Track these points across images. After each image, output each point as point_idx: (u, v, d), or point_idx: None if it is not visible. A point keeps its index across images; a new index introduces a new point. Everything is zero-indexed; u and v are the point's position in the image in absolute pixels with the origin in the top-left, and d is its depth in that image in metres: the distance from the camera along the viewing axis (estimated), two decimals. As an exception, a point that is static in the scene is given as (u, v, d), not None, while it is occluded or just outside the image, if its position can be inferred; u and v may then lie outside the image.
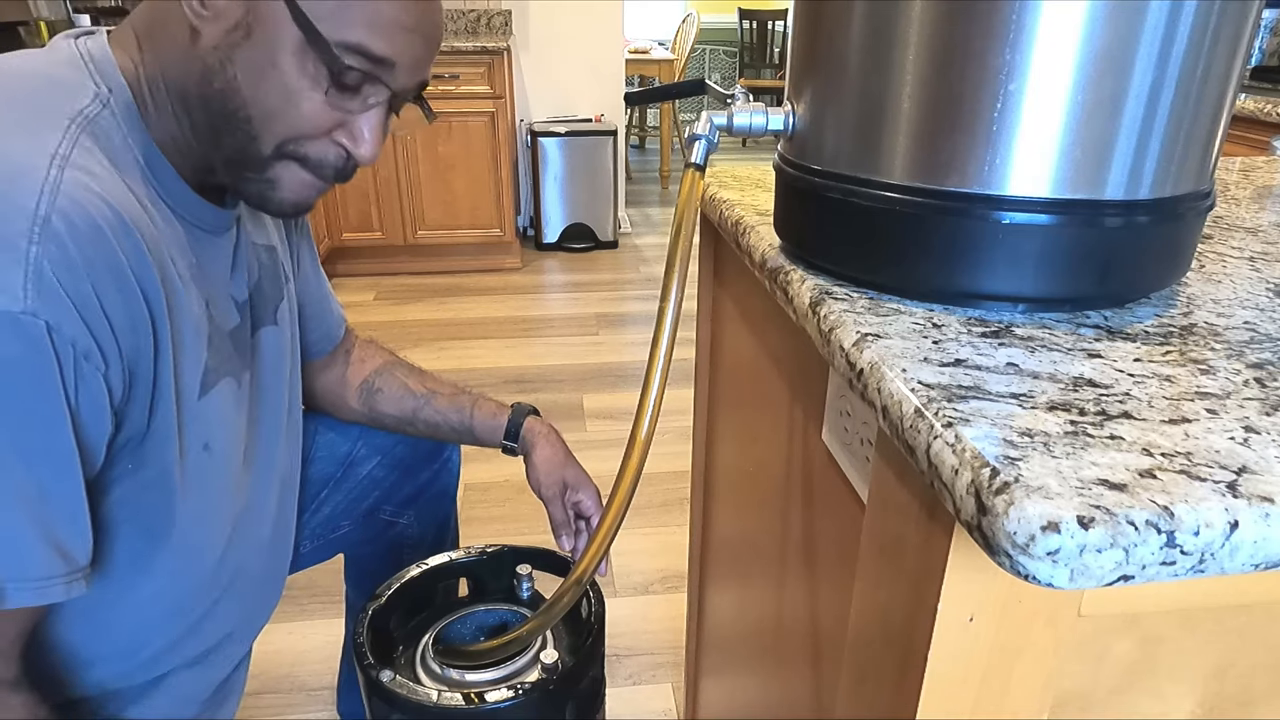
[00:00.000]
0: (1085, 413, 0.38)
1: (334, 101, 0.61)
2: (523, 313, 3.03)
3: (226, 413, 0.71)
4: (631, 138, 5.56)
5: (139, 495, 0.64)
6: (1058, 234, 0.46)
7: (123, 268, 0.56)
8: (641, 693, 1.40)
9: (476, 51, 3.04)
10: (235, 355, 0.72)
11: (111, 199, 0.56)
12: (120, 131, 0.60)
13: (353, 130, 0.64)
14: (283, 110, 0.60)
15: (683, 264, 0.57)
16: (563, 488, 0.95)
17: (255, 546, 0.82)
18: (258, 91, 0.60)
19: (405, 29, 0.61)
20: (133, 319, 0.57)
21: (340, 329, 0.98)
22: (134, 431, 0.61)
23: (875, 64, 0.47)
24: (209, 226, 0.68)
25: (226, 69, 0.59)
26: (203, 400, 0.67)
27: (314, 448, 0.98)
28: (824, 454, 0.59)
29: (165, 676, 0.75)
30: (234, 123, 0.61)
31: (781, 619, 0.73)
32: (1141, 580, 0.32)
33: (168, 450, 0.64)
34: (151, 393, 0.61)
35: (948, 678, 0.42)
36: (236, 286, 0.73)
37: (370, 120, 0.64)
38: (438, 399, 0.98)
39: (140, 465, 0.63)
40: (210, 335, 0.68)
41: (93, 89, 0.60)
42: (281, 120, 0.61)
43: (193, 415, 0.66)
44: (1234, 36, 0.44)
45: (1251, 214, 0.76)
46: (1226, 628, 0.43)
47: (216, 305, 0.70)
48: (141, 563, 0.68)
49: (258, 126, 0.61)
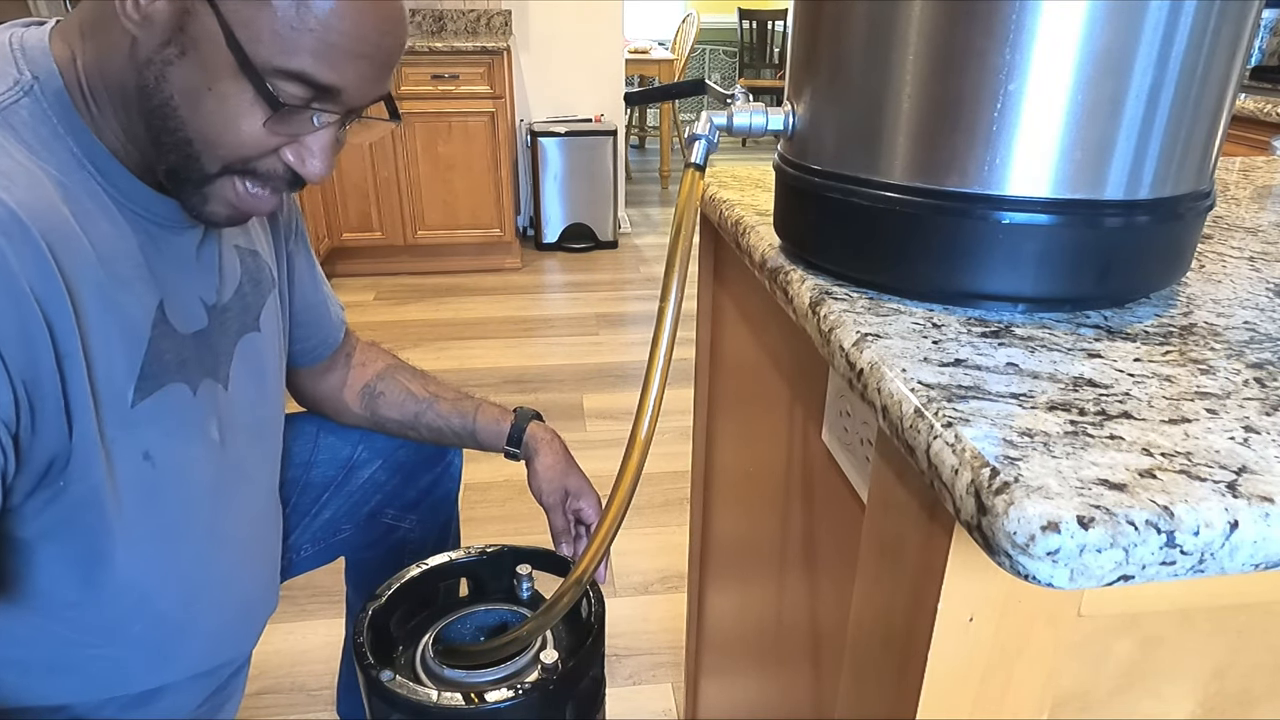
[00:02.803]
0: (1085, 413, 0.38)
1: (275, 127, 0.58)
2: (522, 313, 3.03)
3: (173, 422, 0.67)
4: (631, 138, 5.56)
5: (73, 514, 0.61)
6: (1058, 234, 0.46)
7: (12, 275, 0.51)
8: (641, 693, 1.40)
9: (476, 51, 3.04)
10: (195, 360, 0.68)
11: (10, 196, 0.52)
12: (49, 122, 0.57)
13: (299, 150, 0.61)
14: (222, 136, 0.58)
15: (683, 264, 0.57)
16: (564, 495, 0.94)
17: (244, 554, 0.80)
18: (195, 115, 0.57)
19: (357, 56, 0.58)
20: (25, 331, 0.52)
21: (339, 333, 0.97)
22: (57, 449, 0.58)
23: (875, 64, 0.47)
24: (164, 222, 0.65)
25: (163, 87, 0.56)
26: (138, 408, 0.63)
27: (315, 451, 0.98)
28: (824, 454, 0.59)
29: (159, 690, 0.74)
30: (174, 142, 0.58)
31: (781, 619, 0.73)
32: (1141, 580, 0.32)
33: (95, 465, 0.60)
34: (65, 406, 0.57)
35: (948, 678, 0.42)
36: (205, 288, 0.70)
37: (320, 140, 0.61)
38: (440, 403, 0.97)
39: (70, 483, 0.60)
40: (153, 339, 0.63)
41: (13, 76, 0.56)
42: (222, 145, 0.58)
43: (125, 424, 0.62)
44: (1234, 37, 0.44)
45: (1251, 214, 0.76)
46: (1226, 628, 0.43)
47: (174, 306, 0.66)
48: (95, 586, 0.65)
49: (199, 148, 0.58)
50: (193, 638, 0.75)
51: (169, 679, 0.74)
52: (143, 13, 0.55)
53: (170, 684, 0.75)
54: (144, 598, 0.69)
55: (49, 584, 0.64)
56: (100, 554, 0.64)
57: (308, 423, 0.98)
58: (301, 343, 0.91)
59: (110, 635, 0.69)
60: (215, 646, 0.79)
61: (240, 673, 0.86)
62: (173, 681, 0.75)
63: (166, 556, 0.70)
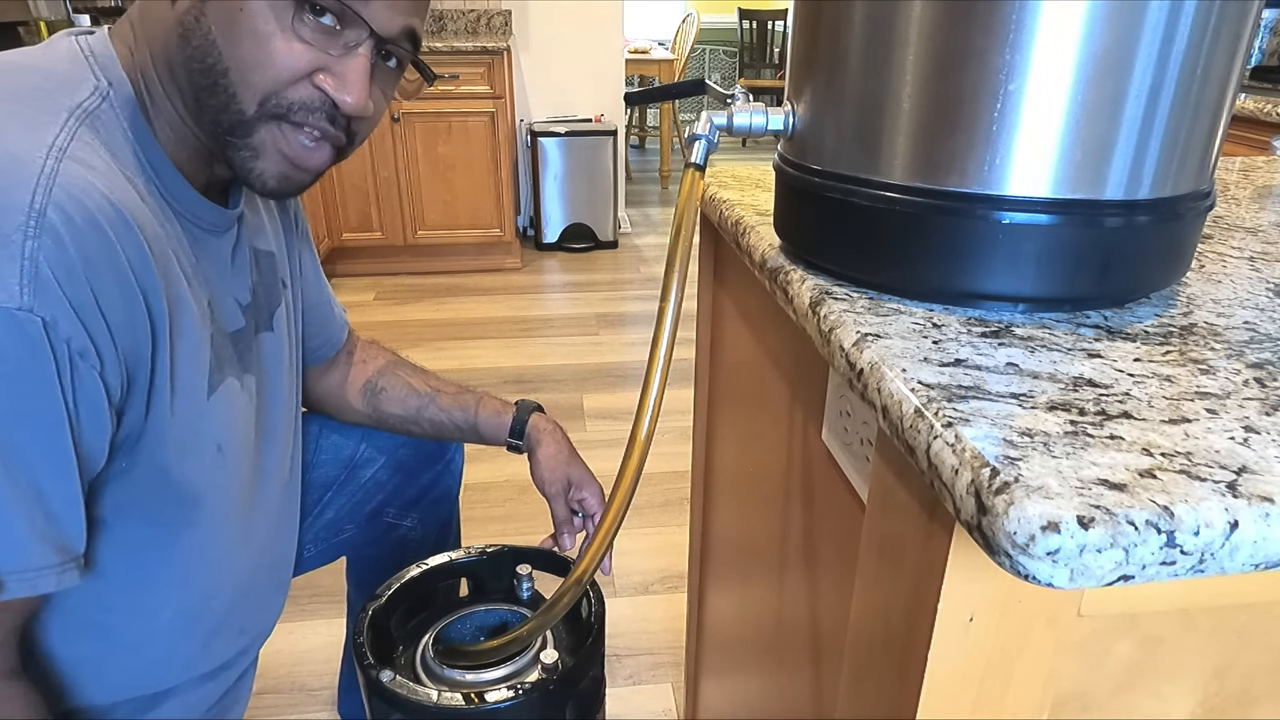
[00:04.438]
0: (1085, 413, 0.38)
1: (309, 39, 0.59)
2: (523, 313, 3.03)
3: (233, 414, 0.70)
4: (631, 138, 5.56)
5: (136, 497, 0.64)
6: (1058, 234, 0.46)
7: (121, 265, 0.55)
8: (641, 693, 1.40)
9: (476, 51, 3.04)
10: (237, 358, 0.71)
11: (112, 194, 0.55)
12: (120, 126, 0.60)
13: (335, 73, 0.61)
14: (256, 56, 0.58)
15: (683, 264, 0.57)
16: (566, 485, 0.95)
17: (261, 555, 0.81)
18: (230, 40, 0.58)
19: None
20: (131, 317, 0.56)
21: (343, 333, 0.97)
22: (130, 430, 0.61)
23: (875, 64, 0.47)
24: (209, 226, 0.67)
25: (201, 23, 0.58)
26: (212, 399, 0.66)
27: (317, 451, 0.98)
28: (824, 454, 0.59)
29: (172, 690, 0.74)
30: (213, 79, 0.59)
31: (781, 619, 0.73)
32: (1141, 580, 0.32)
33: (162, 451, 0.63)
34: (149, 392, 0.60)
35: (948, 678, 0.42)
36: (239, 288, 0.72)
37: (353, 66, 0.61)
38: (442, 397, 0.98)
39: (133, 465, 0.62)
40: (212, 335, 0.67)
41: (92, 82, 0.59)
42: (257, 69, 0.59)
43: (203, 416, 0.65)
44: (1234, 37, 0.44)
45: (1251, 214, 0.76)
46: (1226, 628, 0.43)
47: (218, 306, 0.69)
48: (147, 568, 0.67)
49: (235, 80, 0.59)
50: (207, 634, 0.76)
51: (179, 679, 0.75)
52: None
53: (179, 685, 0.75)
54: (178, 586, 0.70)
55: (111, 564, 0.65)
56: (165, 539, 0.67)
57: (310, 423, 0.98)
58: (307, 342, 0.92)
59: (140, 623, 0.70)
60: (224, 646, 0.79)
61: (247, 675, 0.86)
62: (182, 682, 0.75)
63: (204, 549, 0.71)
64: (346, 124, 0.64)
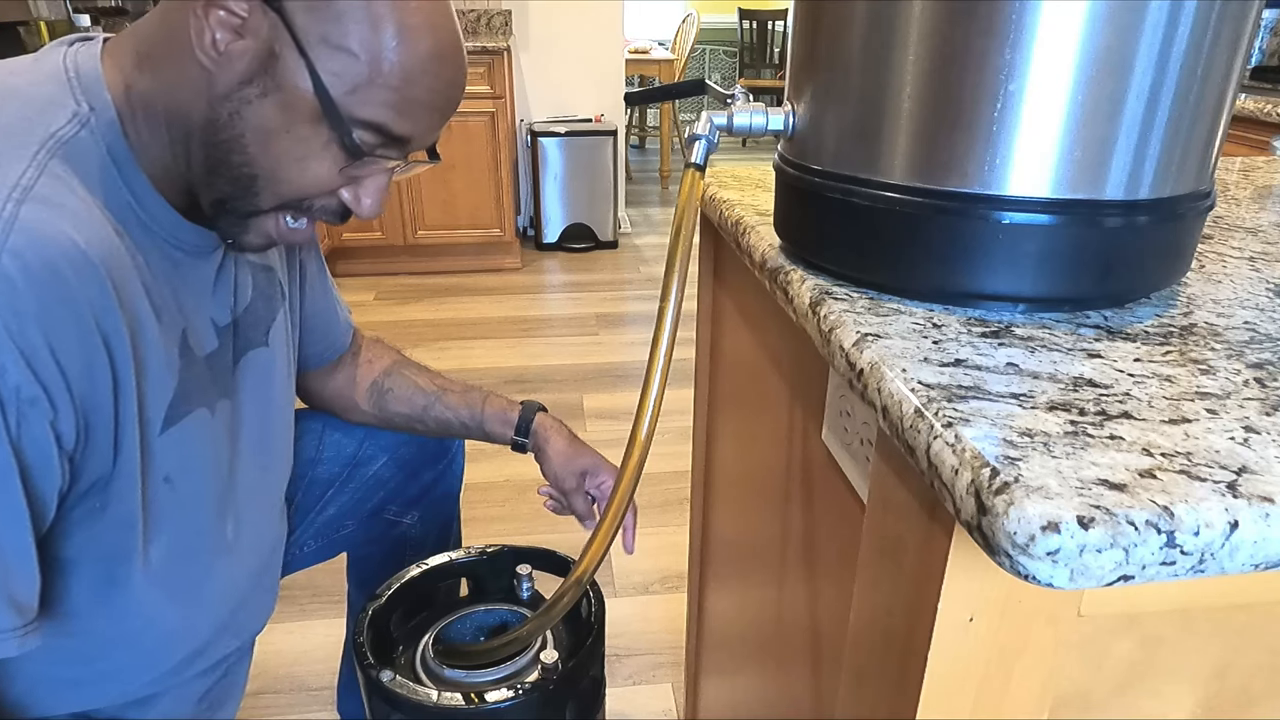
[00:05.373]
0: (1085, 413, 0.38)
1: (347, 172, 0.60)
2: (523, 313, 3.03)
3: (194, 446, 0.68)
4: (631, 138, 5.56)
5: (105, 534, 0.63)
6: (1058, 234, 0.46)
7: (81, 312, 0.53)
8: (641, 693, 1.40)
9: (476, 51, 3.03)
10: (210, 382, 0.69)
11: (78, 234, 0.53)
12: (99, 152, 0.57)
13: (356, 190, 0.62)
14: (289, 176, 0.59)
15: (683, 264, 0.57)
16: (581, 477, 0.96)
17: (249, 568, 0.80)
18: (266, 153, 0.58)
19: (430, 108, 0.60)
20: (89, 364, 0.54)
21: (347, 336, 0.97)
22: (101, 472, 0.59)
23: (875, 64, 0.47)
24: (191, 248, 0.65)
25: (235, 124, 0.57)
26: (165, 435, 0.64)
27: (321, 448, 0.98)
28: (824, 454, 0.59)
29: (154, 697, 0.74)
30: (235, 175, 0.59)
31: (781, 619, 0.73)
32: (1141, 580, 0.32)
33: (133, 488, 0.62)
34: (114, 432, 0.58)
35: (948, 678, 0.42)
36: (218, 309, 0.70)
37: (379, 181, 0.62)
38: (448, 395, 0.98)
39: (108, 503, 0.61)
40: (181, 366, 0.65)
41: (72, 107, 0.57)
42: (287, 184, 0.60)
43: (151, 450, 0.63)
44: (1234, 37, 0.44)
45: (1251, 214, 0.76)
46: (1226, 628, 0.43)
47: (193, 330, 0.67)
48: (108, 602, 0.66)
49: (261, 186, 0.59)
50: (192, 646, 0.76)
51: (166, 686, 0.75)
52: (222, 50, 0.55)
53: (168, 688, 0.75)
54: (153, 612, 0.69)
55: (75, 602, 0.64)
56: (121, 575, 0.66)
57: (313, 420, 0.98)
58: (310, 348, 0.92)
59: (118, 647, 0.69)
60: (210, 649, 0.79)
61: (238, 669, 0.86)
62: (168, 687, 0.75)
63: (174, 574, 0.70)
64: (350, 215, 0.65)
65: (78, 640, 0.67)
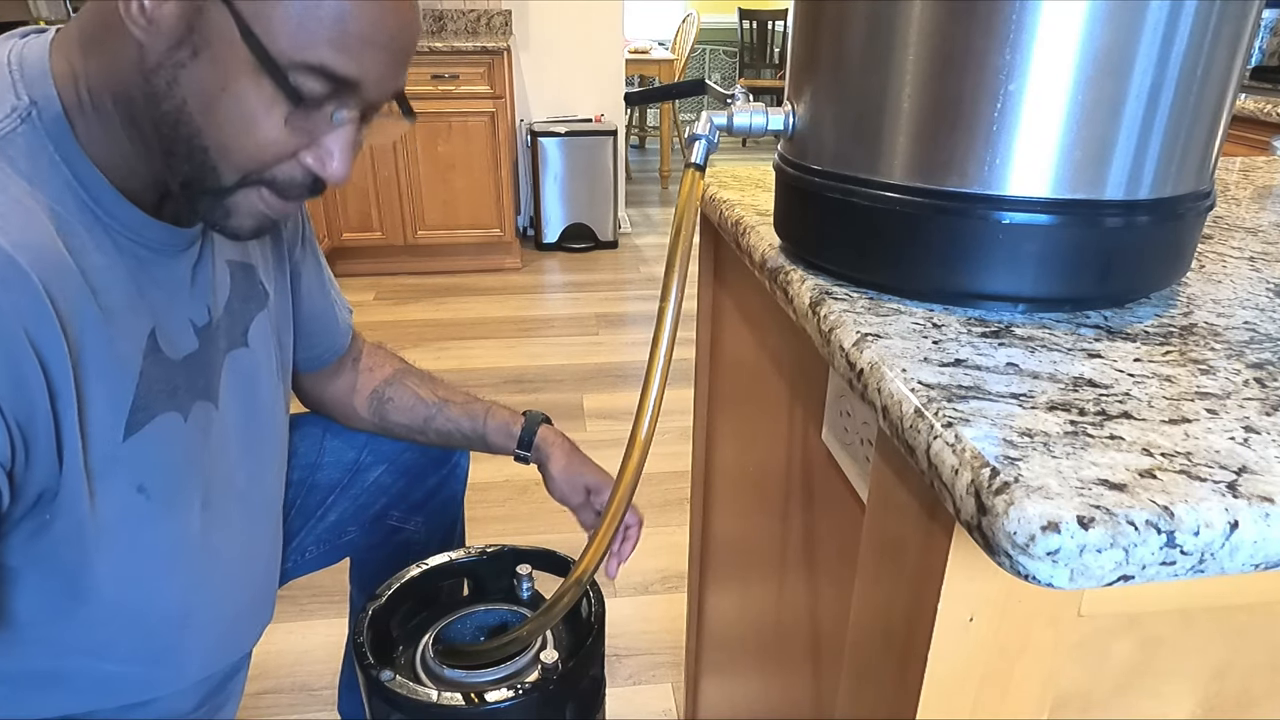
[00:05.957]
0: (1085, 413, 0.38)
1: (296, 125, 0.56)
2: (523, 313, 3.03)
3: (166, 452, 0.65)
4: (631, 138, 5.56)
5: (53, 549, 0.60)
6: (1058, 234, 0.46)
7: (5, 323, 0.50)
8: (641, 693, 1.40)
9: (476, 51, 3.04)
10: (186, 385, 0.66)
11: (7, 239, 0.50)
12: (46, 149, 0.55)
13: (319, 151, 0.59)
14: (240, 139, 0.55)
15: (683, 264, 0.57)
16: (585, 493, 0.95)
17: (230, 575, 0.78)
18: (211, 119, 0.54)
19: (375, 45, 0.56)
20: (20, 375, 0.52)
21: (346, 339, 0.96)
22: (47, 483, 0.57)
23: (875, 64, 0.47)
24: (159, 247, 0.62)
25: (174, 92, 0.54)
26: (130, 441, 0.61)
27: (321, 454, 0.97)
28: (824, 454, 0.59)
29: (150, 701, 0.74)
30: (189, 152, 0.56)
31: (781, 619, 0.73)
32: (1141, 580, 0.32)
33: (80, 499, 0.59)
34: (57, 443, 0.56)
35: (948, 678, 0.42)
36: (196, 309, 0.68)
37: (339, 139, 0.59)
38: (450, 407, 0.97)
39: (56, 516, 0.59)
40: (144, 370, 0.62)
41: (10, 102, 0.54)
42: (240, 151, 0.56)
43: (116, 459, 0.61)
44: (1234, 37, 0.44)
45: (1251, 214, 0.76)
46: (1226, 628, 0.43)
47: (165, 332, 0.64)
48: (68, 611, 0.64)
49: (215, 157, 0.56)
50: (184, 653, 0.74)
51: (160, 692, 0.74)
52: (149, 16, 0.52)
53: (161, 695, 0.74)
54: (134, 618, 0.68)
55: (31, 610, 0.63)
56: (80, 584, 0.63)
57: (314, 425, 0.98)
58: (307, 350, 0.91)
59: (98, 652, 0.68)
60: (207, 659, 0.78)
61: (238, 674, 0.85)
62: (164, 694, 0.74)
63: (158, 579, 0.68)
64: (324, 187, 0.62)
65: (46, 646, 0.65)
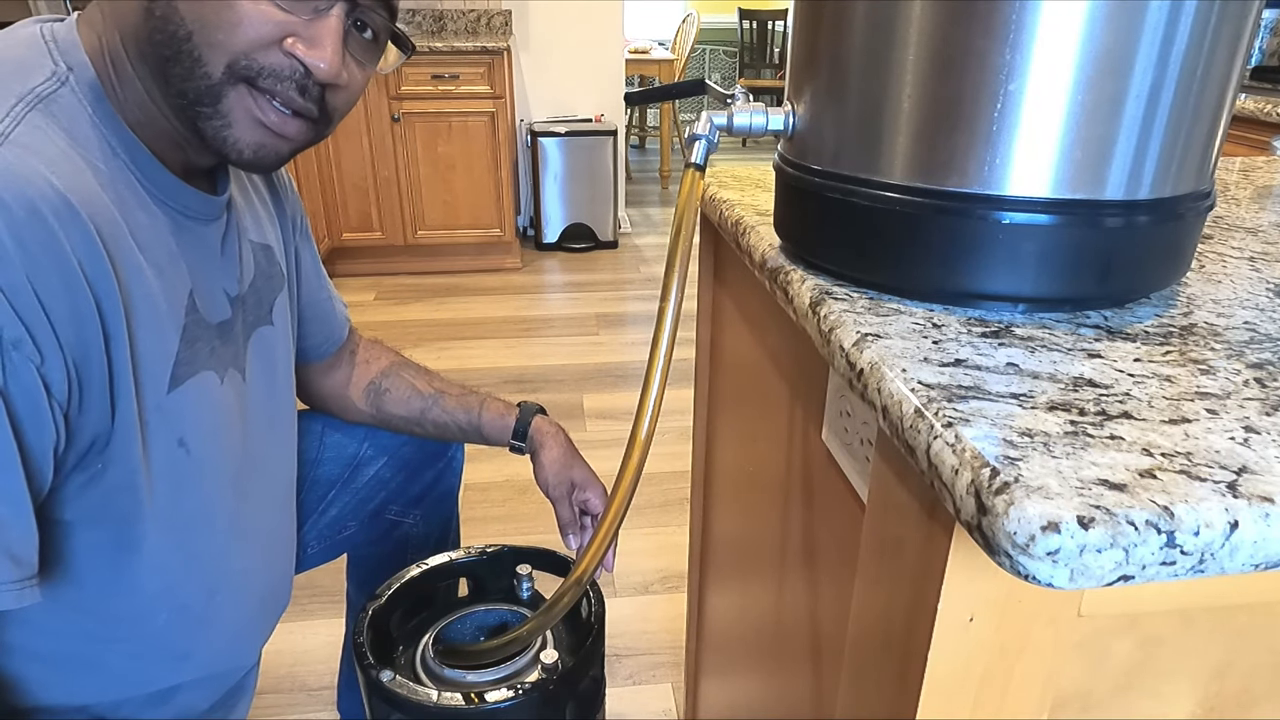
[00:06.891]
0: (1085, 413, 0.38)
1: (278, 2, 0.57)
2: (523, 313, 3.03)
3: (206, 409, 0.67)
4: (631, 138, 5.56)
5: (109, 498, 0.61)
6: (1058, 234, 0.46)
7: (65, 255, 0.52)
8: (641, 693, 1.40)
9: (476, 51, 3.04)
10: (221, 350, 0.69)
11: (58, 180, 0.52)
12: (86, 113, 0.57)
13: (306, 37, 0.58)
14: (220, 17, 0.56)
15: (683, 264, 0.57)
16: (570, 487, 0.95)
17: (256, 551, 0.80)
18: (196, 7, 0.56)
19: None
20: (76, 309, 0.53)
21: (343, 330, 0.97)
22: (100, 429, 0.58)
23: (875, 64, 0.47)
24: (194, 214, 0.65)
25: None
26: (174, 394, 0.63)
27: (321, 449, 0.98)
28: (824, 454, 0.59)
29: (174, 689, 0.74)
30: (176, 45, 0.56)
31: (781, 619, 0.73)
32: (1141, 580, 0.32)
33: (133, 448, 0.61)
34: (110, 387, 0.57)
35: (948, 678, 0.42)
36: (228, 279, 0.70)
37: (325, 26, 0.59)
38: (446, 399, 0.98)
39: (109, 464, 0.60)
40: (187, 326, 0.64)
41: (50, 67, 0.56)
42: (221, 29, 0.56)
43: (161, 410, 0.62)
44: (1234, 37, 0.44)
45: (1251, 214, 0.76)
46: (1226, 628, 0.43)
47: (203, 296, 0.66)
48: (121, 570, 0.65)
49: (199, 43, 0.56)
50: (212, 632, 0.75)
51: (186, 676, 0.74)
52: None
53: (186, 682, 0.75)
54: (169, 587, 0.69)
55: (82, 570, 0.64)
56: (131, 540, 0.65)
57: (314, 421, 0.98)
58: (307, 339, 0.92)
59: (135, 626, 0.69)
60: (232, 643, 0.79)
61: (251, 672, 0.86)
62: (189, 680, 0.75)
63: (191, 546, 0.70)
64: (320, 95, 0.61)
65: (91, 617, 0.66)
